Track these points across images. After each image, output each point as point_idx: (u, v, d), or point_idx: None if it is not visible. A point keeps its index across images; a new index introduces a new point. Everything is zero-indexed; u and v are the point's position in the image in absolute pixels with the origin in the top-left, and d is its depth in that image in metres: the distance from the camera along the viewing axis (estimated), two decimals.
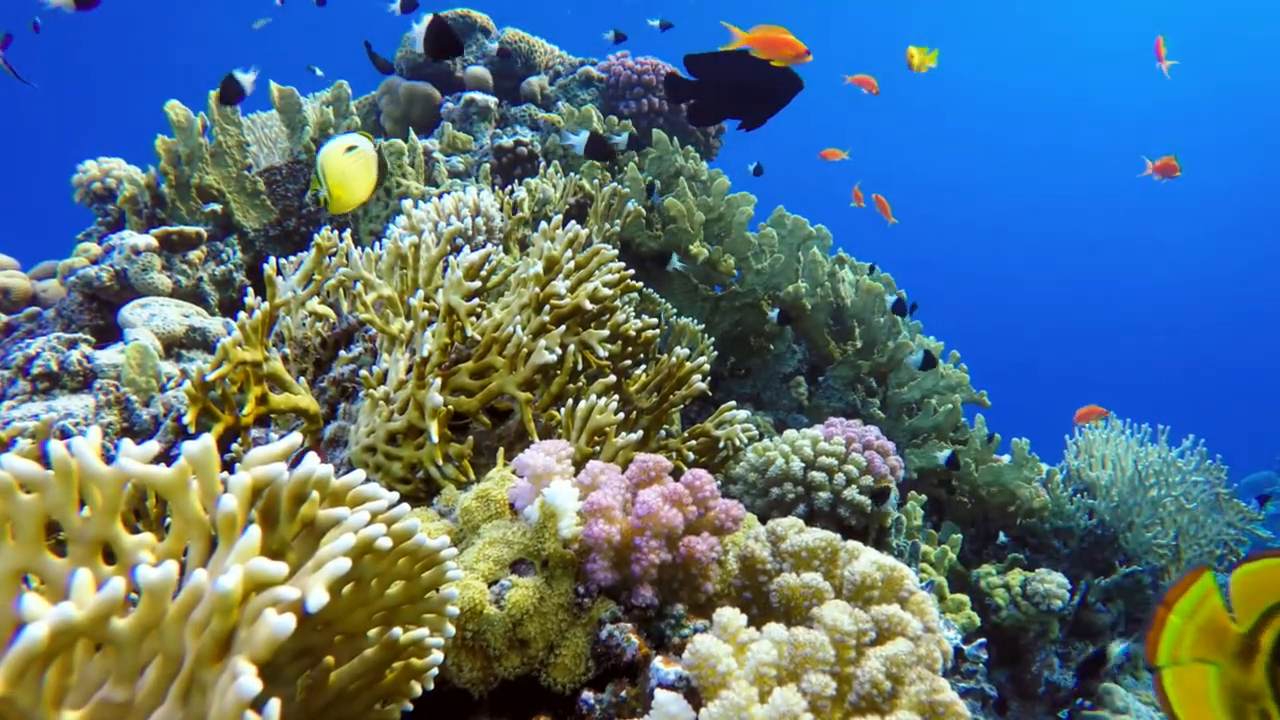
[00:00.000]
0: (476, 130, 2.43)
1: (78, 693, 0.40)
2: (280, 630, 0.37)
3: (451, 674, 0.63)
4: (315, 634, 0.49)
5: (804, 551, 0.68)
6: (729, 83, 1.17)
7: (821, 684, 0.54)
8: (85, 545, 0.41)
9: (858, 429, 1.36)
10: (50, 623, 0.35)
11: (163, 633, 0.40)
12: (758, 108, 1.18)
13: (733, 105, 1.21)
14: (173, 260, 1.77)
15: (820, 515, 1.30)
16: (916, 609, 0.63)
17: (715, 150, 2.82)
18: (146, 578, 0.37)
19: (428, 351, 0.89)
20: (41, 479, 0.40)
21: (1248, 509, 2.19)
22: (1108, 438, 2.22)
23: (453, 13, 2.74)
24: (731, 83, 1.17)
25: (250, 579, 0.38)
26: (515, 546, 0.67)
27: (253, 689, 0.36)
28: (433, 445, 0.85)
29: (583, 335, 0.98)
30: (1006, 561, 1.96)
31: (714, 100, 1.24)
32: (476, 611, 0.62)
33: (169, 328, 1.56)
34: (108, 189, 2.00)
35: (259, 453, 0.45)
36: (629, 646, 0.63)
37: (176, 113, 1.91)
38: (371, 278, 1.03)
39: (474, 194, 1.57)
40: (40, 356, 1.35)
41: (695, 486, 0.69)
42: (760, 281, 2.06)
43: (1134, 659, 2.06)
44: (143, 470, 0.41)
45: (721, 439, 1.14)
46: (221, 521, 0.41)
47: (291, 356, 1.09)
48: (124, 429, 1.32)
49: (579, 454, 0.89)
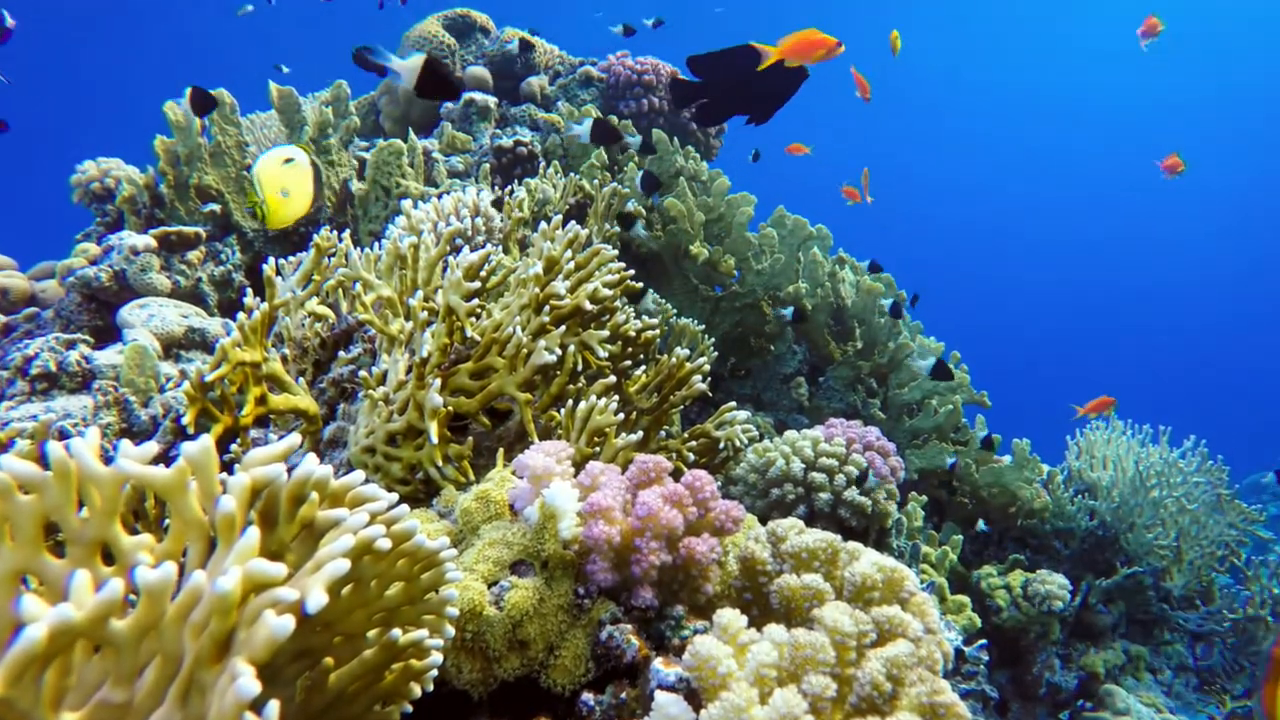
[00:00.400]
0: (476, 130, 2.43)
1: (76, 694, 0.40)
2: (279, 631, 0.37)
3: (451, 675, 0.63)
4: (314, 635, 0.49)
5: (804, 552, 0.68)
6: (735, 79, 1.16)
7: (822, 685, 0.54)
8: (84, 546, 0.41)
9: (858, 430, 1.36)
10: (49, 624, 0.35)
11: (162, 634, 0.40)
12: (766, 101, 1.17)
13: (741, 101, 1.21)
14: (171, 261, 1.77)
15: (820, 516, 1.29)
16: (917, 610, 0.63)
17: (715, 150, 2.82)
18: (145, 579, 0.37)
19: (427, 352, 0.89)
20: (40, 480, 0.39)
21: (1249, 510, 2.19)
22: (1109, 438, 2.22)
23: (453, 12, 2.73)
24: (737, 79, 1.16)
25: (249, 580, 0.38)
26: (515, 547, 0.67)
27: (252, 690, 0.36)
28: (432, 446, 0.85)
29: (582, 336, 0.98)
30: (1007, 563, 1.96)
31: (721, 99, 1.23)
32: (476, 613, 0.62)
33: (168, 328, 1.56)
34: (106, 189, 2.00)
35: (258, 453, 0.45)
36: (629, 648, 0.63)
37: (175, 113, 1.91)
38: (371, 278, 1.03)
39: (473, 194, 1.56)
40: (39, 357, 1.35)
41: (695, 487, 0.69)
42: (760, 282, 2.05)
43: (1134, 659, 2.06)
44: (141, 471, 0.41)
45: (722, 440, 1.14)
46: (220, 522, 0.41)
47: (290, 357, 1.09)
48: (123, 430, 1.32)
49: (579, 455, 0.89)
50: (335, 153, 2.10)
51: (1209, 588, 2.17)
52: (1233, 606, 2.16)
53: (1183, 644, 2.19)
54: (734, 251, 2.07)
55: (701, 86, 1.25)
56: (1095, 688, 1.96)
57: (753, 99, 1.18)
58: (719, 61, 1.18)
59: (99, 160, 2.04)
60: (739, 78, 1.15)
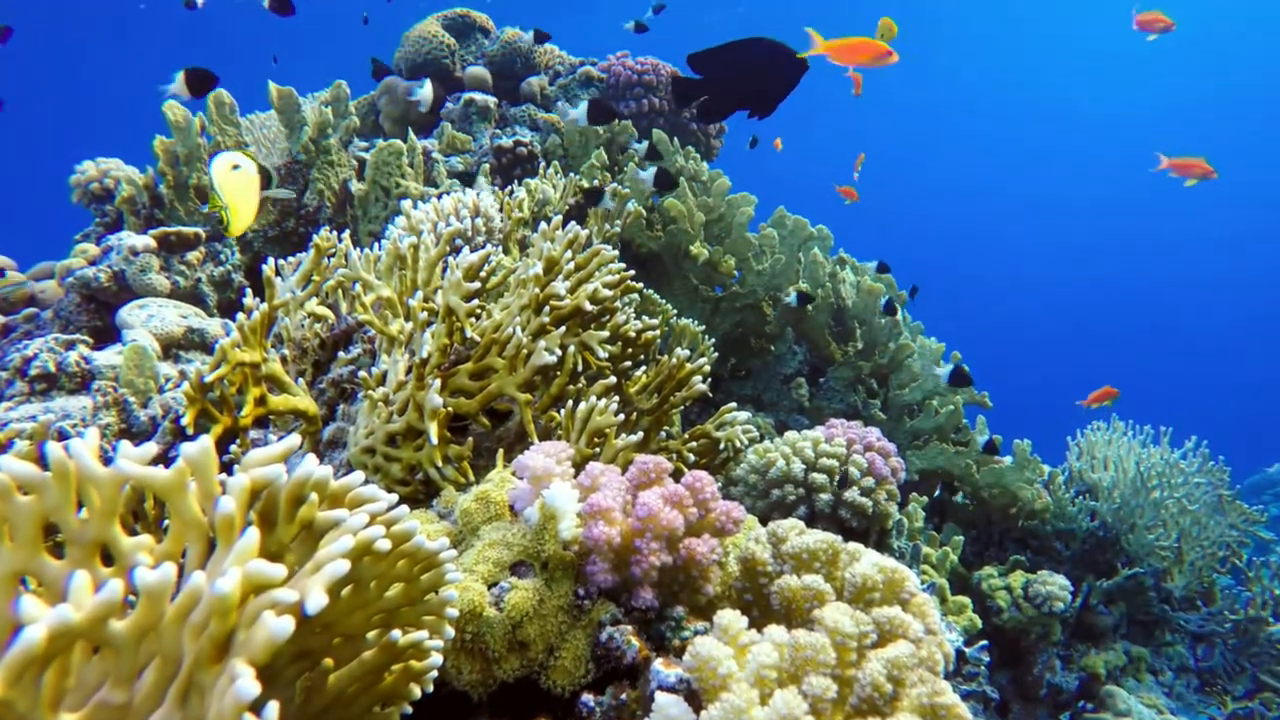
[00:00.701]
0: (476, 130, 2.42)
1: (76, 695, 0.40)
2: (279, 632, 0.37)
3: (451, 676, 0.63)
4: (314, 636, 0.49)
5: (805, 553, 0.68)
6: (736, 74, 1.16)
7: (822, 686, 0.54)
8: (83, 547, 0.41)
9: (859, 430, 1.36)
10: (48, 625, 0.34)
11: (161, 635, 0.40)
12: (767, 94, 1.17)
13: (741, 96, 1.20)
14: (171, 261, 1.77)
15: (821, 517, 1.29)
16: (918, 611, 0.63)
17: (715, 151, 2.81)
18: (145, 580, 0.37)
19: (427, 352, 0.89)
20: (39, 480, 0.39)
21: (1250, 510, 2.18)
22: (1110, 439, 2.22)
23: (453, 12, 2.73)
24: (738, 74, 1.16)
25: (249, 581, 0.38)
26: (515, 548, 0.67)
27: (252, 691, 0.35)
28: (432, 447, 0.85)
29: (583, 336, 0.98)
30: (1008, 564, 1.96)
31: (722, 94, 1.22)
32: (476, 614, 0.62)
33: (167, 329, 1.55)
34: (106, 189, 1.99)
35: (257, 454, 0.44)
36: (629, 649, 0.63)
37: (175, 113, 1.90)
38: (370, 279, 1.03)
39: (473, 194, 1.56)
40: (38, 358, 1.35)
41: (696, 488, 0.69)
42: (761, 282, 2.05)
43: (1136, 660, 2.05)
44: (141, 472, 0.41)
45: (722, 440, 1.14)
46: (220, 523, 0.41)
47: (290, 358, 1.09)
48: (122, 430, 1.32)
49: (579, 456, 0.89)
50: (335, 153, 2.10)
51: (1210, 589, 2.17)
52: (1234, 607, 2.16)
53: (1184, 645, 2.19)
54: (734, 252, 2.07)
55: (702, 83, 1.25)
56: (1096, 689, 1.96)
57: (753, 93, 1.17)
58: (719, 57, 1.18)
59: (98, 160, 2.03)
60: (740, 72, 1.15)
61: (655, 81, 2.58)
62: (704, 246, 2.06)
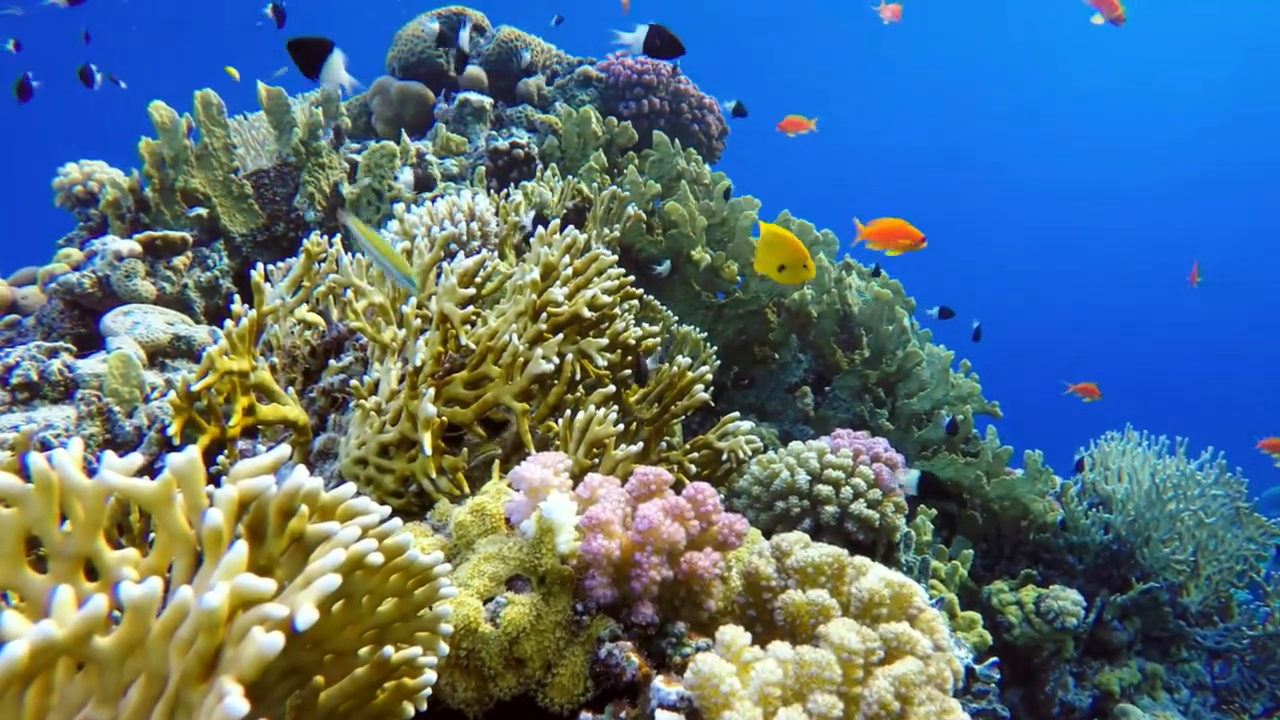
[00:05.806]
0: (471, 132, 2.40)
1: (59, 713, 0.39)
2: (268, 649, 0.36)
3: (445, 694, 0.62)
4: (304, 652, 0.48)
5: (810, 567, 0.66)
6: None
7: (828, 705, 0.52)
8: (66, 561, 0.40)
9: (865, 440, 1.34)
10: (30, 641, 0.34)
11: (147, 651, 0.39)
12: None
13: None
14: (157, 266, 1.75)
15: (826, 530, 1.27)
16: (926, 627, 0.61)
17: (718, 153, 2.80)
18: (130, 595, 0.37)
19: (421, 360, 0.88)
20: (21, 493, 0.39)
21: (1269, 523, 2.14)
22: (1124, 450, 2.19)
23: (447, 10, 2.72)
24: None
25: (237, 596, 0.37)
26: (511, 562, 0.66)
27: (240, 709, 0.35)
28: (426, 458, 0.84)
29: (581, 344, 0.97)
30: (1019, 578, 1.92)
31: None
32: (471, 629, 0.61)
33: (153, 336, 1.54)
34: (90, 193, 1.95)
35: (246, 465, 0.44)
36: (629, 666, 0.62)
37: (161, 114, 1.86)
38: (363, 284, 1.02)
39: (468, 198, 1.56)
40: (20, 366, 1.34)
41: (697, 500, 0.68)
42: (765, 288, 2.04)
43: (1151, 677, 2.01)
44: (126, 483, 0.40)
45: (725, 451, 1.13)
46: (207, 536, 0.40)
47: (280, 366, 1.08)
48: (106, 441, 1.31)
49: (577, 466, 0.88)
50: (325, 155, 2.08)
51: (1227, 604, 2.13)
52: (1252, 623, 2.11)
53: (1200, 662, 2.14)
54: (737, 257, 2.06)
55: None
56: (1110, 707, 1.92)
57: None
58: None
59: (82, 163, 1.98)
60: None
61: (655, 81, 2.55)
62: (706, 251, 2.05)
